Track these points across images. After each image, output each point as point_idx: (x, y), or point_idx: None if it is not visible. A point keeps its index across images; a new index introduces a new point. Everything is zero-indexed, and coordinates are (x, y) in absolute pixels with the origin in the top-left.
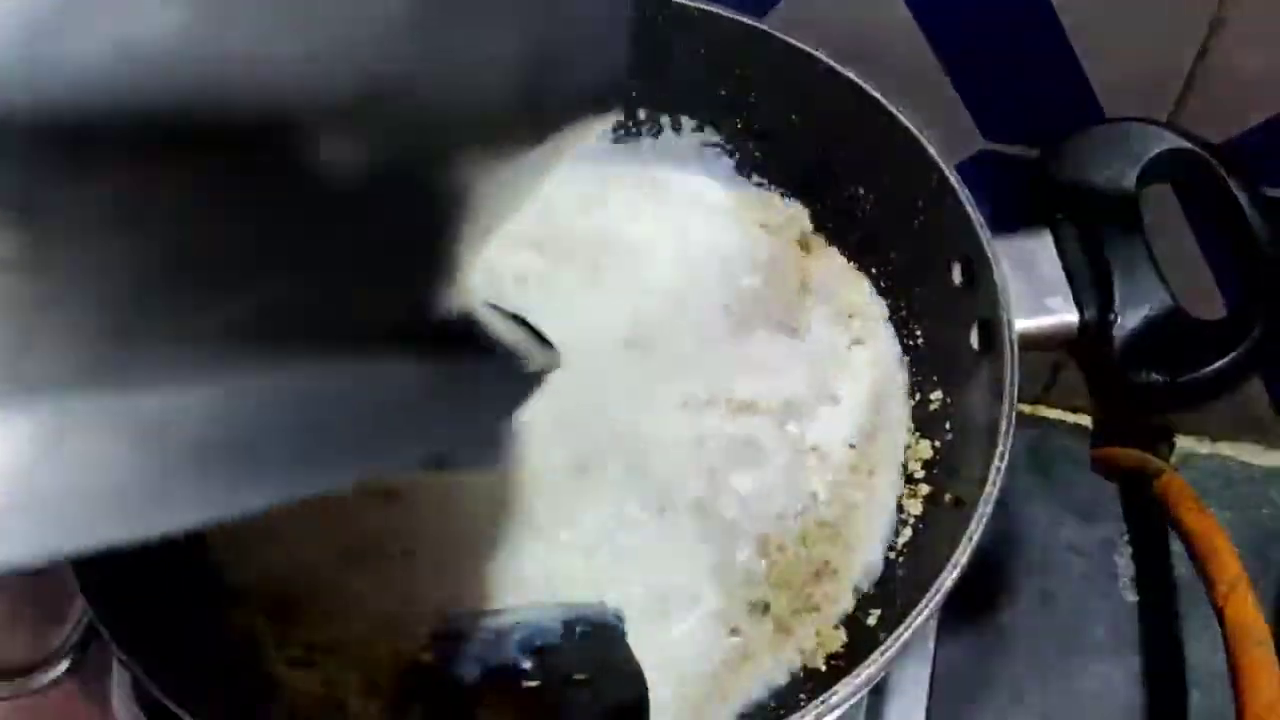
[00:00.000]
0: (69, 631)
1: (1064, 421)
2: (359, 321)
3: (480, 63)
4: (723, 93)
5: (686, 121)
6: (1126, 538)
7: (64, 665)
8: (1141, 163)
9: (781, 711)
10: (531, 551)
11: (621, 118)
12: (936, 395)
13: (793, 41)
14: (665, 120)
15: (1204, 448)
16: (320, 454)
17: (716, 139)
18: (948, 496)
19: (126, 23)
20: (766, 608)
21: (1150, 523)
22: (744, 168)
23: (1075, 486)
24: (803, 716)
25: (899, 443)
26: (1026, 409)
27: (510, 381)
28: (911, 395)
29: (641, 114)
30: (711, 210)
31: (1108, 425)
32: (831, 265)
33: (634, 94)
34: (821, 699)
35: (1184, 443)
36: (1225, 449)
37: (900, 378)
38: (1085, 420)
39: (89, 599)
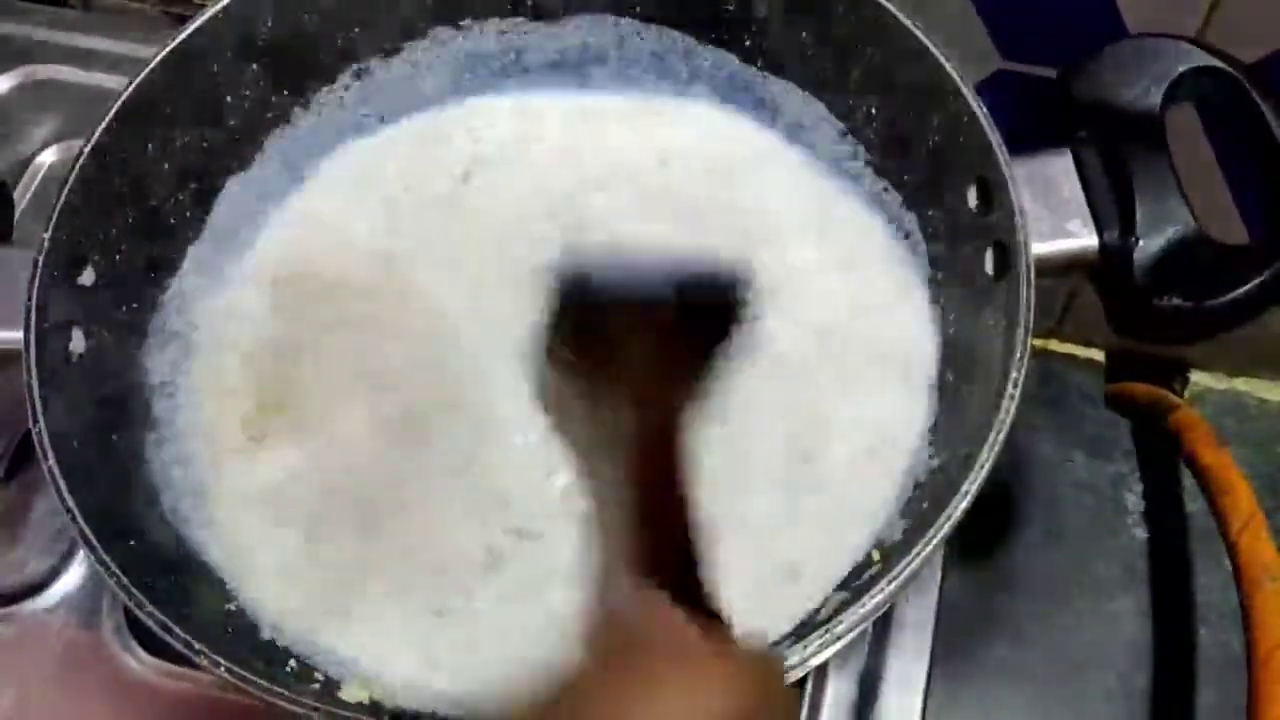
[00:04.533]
0: (59, 557)
1: (1075, 356)
2: None
3: None
4: (729, 7)
5: (691, 40)
6: (1137, 474)
7: (54, 592)
8: (1167, 81)
9: (789, 639)
10: None
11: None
12: (950, 321)
13: None
14: (671, 38)
15: (1220, 383)
16: None
17: (725, 57)
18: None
19: None
20: None
21: (1161, 459)
22: (752, 86)
23: (1086, 422)
24: (807, 645)
25: None
26: (1038, 343)
27: None
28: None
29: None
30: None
31: (1121, 360)
32: None
33: (637, 8)
34: (826, 628)
35: (1199, 378)
36: (1241, 384)
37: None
38: (1097, 355)
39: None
